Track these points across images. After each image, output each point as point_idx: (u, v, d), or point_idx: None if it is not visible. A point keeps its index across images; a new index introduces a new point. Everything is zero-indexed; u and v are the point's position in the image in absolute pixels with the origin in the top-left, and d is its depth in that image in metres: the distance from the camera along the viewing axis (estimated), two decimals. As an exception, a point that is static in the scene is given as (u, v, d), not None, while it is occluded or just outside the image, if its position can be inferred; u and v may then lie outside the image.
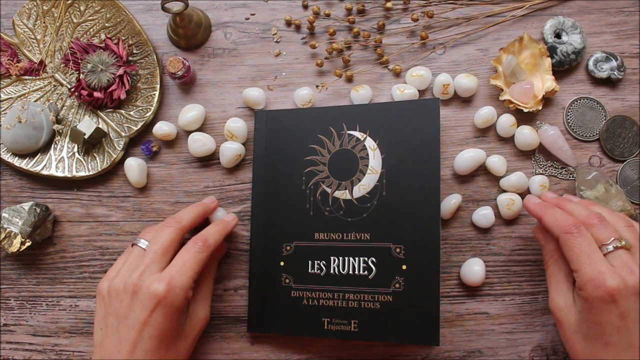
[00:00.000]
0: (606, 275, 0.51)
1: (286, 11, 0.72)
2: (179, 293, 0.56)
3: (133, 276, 0.57)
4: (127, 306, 0.56)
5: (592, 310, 0.52)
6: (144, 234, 0.62)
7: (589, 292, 0.52)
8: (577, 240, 0.54)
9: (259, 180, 0.66)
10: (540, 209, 0.59)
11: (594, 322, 0.52)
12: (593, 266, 0.52)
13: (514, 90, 0.67)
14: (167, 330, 0.56)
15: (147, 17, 0.73)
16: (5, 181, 0.71)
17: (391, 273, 0.61)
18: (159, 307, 0.55)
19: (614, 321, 0.51)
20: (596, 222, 0.55)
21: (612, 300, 0.51)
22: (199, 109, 0.68)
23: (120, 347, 0.55)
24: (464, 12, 0.71)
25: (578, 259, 0.53)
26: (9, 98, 0.70)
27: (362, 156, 0.63)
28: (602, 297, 0.51)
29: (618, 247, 0.53)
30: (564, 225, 0.55)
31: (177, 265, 0.58)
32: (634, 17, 0.71)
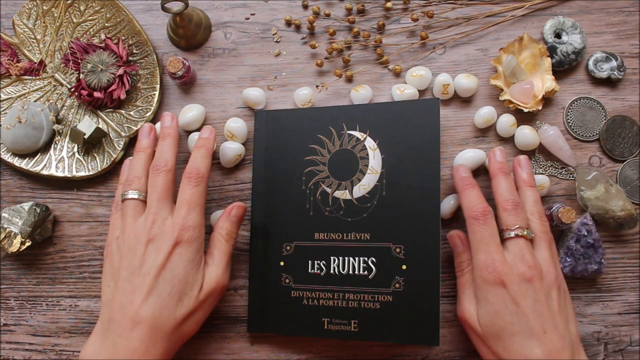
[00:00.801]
0: (497, 261, 0.55)
1: (286, 11, 0.72)
2: (192, 232, 0.57)
3: (145, 226, 0.57)
4: (141, 255, 0.56)
5: (487, 297, 0.56)
6: (129, 185, 0.61)
7: (482, 276, 0.56)
8: (480, 227, 0.57)
9: (259, 180, 0.66)
10: (462, 185, 0.61)
11: (493, 312, 0.55)
12: (488, 253, 0.56)
13: (514, 90, 0.67)
14: (184, 273, 0.56)
15: (147, 17, 0.73)
16: (5, 181, 0.71)
17: (391, 273, 0.61)
18: (176, 248, 0.56)
19: (510, 307, 0.54)
20: (509, 208, 0.58)
21: (502, 284, 0.55)
22: (199, 109, 0.68)
23: (134, 296, 0.55)
24: (464, 12, 0.71)
25: (477, 244, 0.57)
26: (9, 98, 0.70)
27: (362, 156, 0.63)
28: (493, 281, 0.55)
29: (519, 235, 0.57)
30: (473, 209, 0.58)
31: (182, 205, 0.58)
32: (634, 17, 0.71)
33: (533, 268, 0.55)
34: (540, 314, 0.54)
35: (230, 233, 0.63)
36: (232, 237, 0.63)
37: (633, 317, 0.66)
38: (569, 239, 0.65)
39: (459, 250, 0.63)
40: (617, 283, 0.67)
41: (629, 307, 0.66)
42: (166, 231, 0.57)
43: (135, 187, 0.60)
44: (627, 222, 0.65)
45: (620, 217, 0.65)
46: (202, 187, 0.59)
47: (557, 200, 0.67)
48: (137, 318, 0.54)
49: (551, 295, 0.55)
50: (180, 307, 0.56)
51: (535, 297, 0.54)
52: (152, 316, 0.54)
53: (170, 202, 0.60)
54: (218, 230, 0.62)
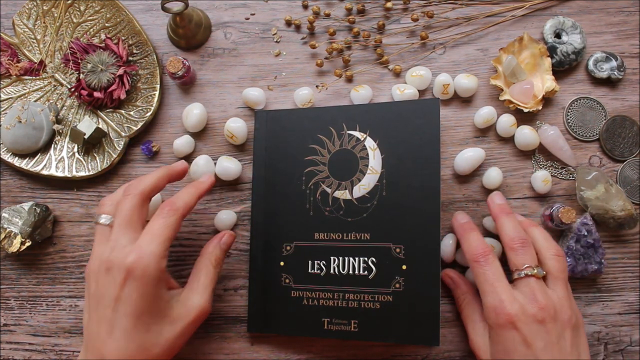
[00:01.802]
0: (506, 302, 0.53)
1: (286, 11, 0.72)
2: (148, 262, 0.52)
3: (104, 254, 0.54)
4: (102, 285, 0.53)
5: (498, 339, 0.54)
6: (101, 208, 0.58)
7: (492, 319, 0.54)
8: (483, 269, 0.56)
9: (259, 180, 0.66)
10: (462, 230, 0.61)
11: (504, 352, 0.54)
12: (495, 294, 0.54)
13: (514, 90, 0.67)
14: (142, 306, 0.52)
15: (147, 17, 0.73)
16: (5, 181, 0.71)
17: (391, 273, 0.61)
18: (129, 280, 0.51)
19: (520, 349, 0.52)
20: (517, 247, 0.57)
21: (513, 326, 0.53)
22: (200, 108, 0.68)
23: (99, 328, 0.52)
24: (464, 12, 0.71)
25: (482, 287, 0.56)
26: (9, 98, 0.70)
27: (362, 156, 0.63)
28: (503, 324, 0.53)
29: (529, 274, 0.55)
30: (474, 252, 0.57)
31: (145, 234, 0.54)
32: (634, 17, 0.71)
33: (545, 309, 0.53)
34: (552, 356, 0.52)
35: (219, 260, 0.61)
36: (219, 264, 0.62)
37: (633, 317, 0.66)
38: (569, 239, 0.65)
39: (453, 287, 0.64)
40: (617, 283, 0.67)
41: (629, 307, 0.66)
42: (120, 260, 0.52)
43: (106, 210, 0.58)
44: (627, 222, 0.65)
45: (620, 217, 0.65)
46: (173, 219, 0.55)
47: (557, 200, 0.67)
48: (104, 353, 0.52)
49: (564, 336, 0.54)
50: (151, 338, 0.53)
51: (547, 338, 0.52)
52: (118, 352, 0.52)
53: (135, 229, 0.55)
54: (207, 255, 0.61)
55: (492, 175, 0.66)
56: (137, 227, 0.55)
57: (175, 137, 0.69)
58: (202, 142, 0.70)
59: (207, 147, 0.70)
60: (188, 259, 0.69)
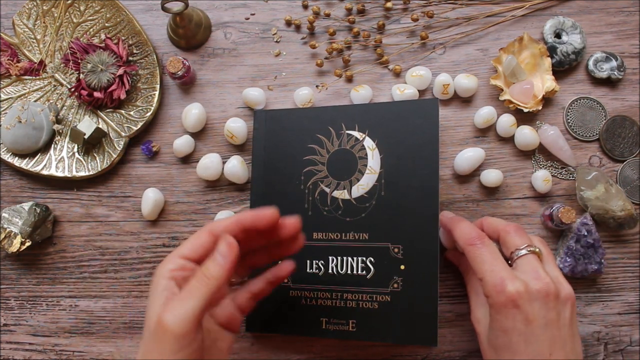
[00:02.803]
0: (507, 280, 0.51)
1: (286, 11, 0.72)
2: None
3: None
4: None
5: (497, 317, 0.52)
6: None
7: (493, 298, 0.52)
8: (480, 251, 0.55)
9: (258, 179, 0.66)
10: (451, 222, 0.60)
11: (501, 330, 0.52)
12: (494, 273, 0.52)
13: (514, 90, 0.67)
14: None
15: (147, 17, 0.73)
16: (5, 181, 0.71)
17: (389, 273, 0.61)
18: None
19: (519, 327, 0.51)
20: (512, 230, 0.57)
21: (514, 305, 0.51)
22: (199, 107, 0.68)
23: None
24: (464, 12, 0.71)
25: (480, 267, 0.54)
26: (9, 98, 0.71)
27: (360, 156, 0.63)
28: (505, 303, 0.51)
29: (530, 251, 0.55)
30: (468, 237, 0.56)
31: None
32: (634, 17, 0.70)
33: (549, 285, 0.52)
34: (551, 335, 0.51)
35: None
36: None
37: (633, 317, 0.66)
38: (569, 239, 0.64)
39: (458, 262, 0.63)
40: (617, 283, 0.66)
41: (629, 307, 0.66)
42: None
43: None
44: (627, 222, 0.65)
45: (620, 217, 0.64)
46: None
47: (557, 200, 0.67)
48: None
49: (564, 314, 0.53)
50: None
51: (548, 316, 0.51)
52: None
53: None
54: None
55: (491, 175, 0.66)
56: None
57: (175, 137, 0.69)
58: (202, 142, 0.70)
59: (207, 147, 0.70)
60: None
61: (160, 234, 0.69)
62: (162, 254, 0.69)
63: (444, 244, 0.64)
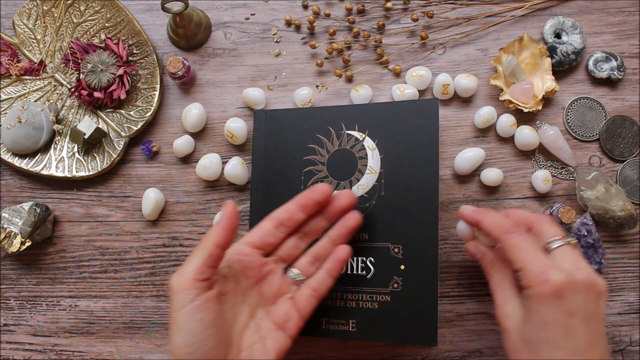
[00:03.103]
0: (551, 270, 0.49)
1: (286, 11, 0.72)
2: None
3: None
4: None
5: (539, 309, 0.49)
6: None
7: (536, 288, 0.49)
8: (518, 239, 0.52)
9: (258, 179, 0.66)
10: (478, 213, 0.57)
11: (541, 323, 0.49)
12: (537, 261, 0.50)
13: (514, 90, 0.67)
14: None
15: (147, 17, 0.73)
16: (5, 181, 0.71)
17: (389, 273, 0.60)
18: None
19: (561, 319, 0.48)
20: (547, 221, 0.54)
21: (558, 296, 0.48)
22: (199, 107, 0.68)
23: None
24: (464, 12, 0.71)
25: (521, 256, 0.51)
26: (9, 98, 0.71)
27: (360, 156, 0.63)
28: (549, 293, 0.48)
29: (567, 242, 0.52)
30: (503, 225, 0.53)
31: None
32: (634, 17, 0.70)
33: (591, 275, 0.49)
34: (590, 330, 0.48)
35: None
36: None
37: (633, 317, 0.66)
38: (569, 239, 0.65)
39: (480, 257, 0.59)
40: (617, 283, 0.66)
41: (629, 307, 0.66)
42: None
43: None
44: (627, 222, 0.65)
45: (620, 217, 0.64)
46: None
47: (557, 200, 0.67)
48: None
49: (601, 308, 0.50)
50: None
51: (588, 309, 0.49)
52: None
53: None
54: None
55: (492, 174, 0.66)
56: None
57: (175, 137, 0.69)
58: (202, 142, 0.70)
59: (207, 147, 0.70)
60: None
61: (160, 234, 0.69)
62: (162, 254, 0.69)
63: (462, 237, 0.62)
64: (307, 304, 0.56)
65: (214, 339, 0.50)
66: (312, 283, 0.57)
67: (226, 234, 0.52)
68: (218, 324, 0.50)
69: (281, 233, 0.57)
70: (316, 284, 0.57)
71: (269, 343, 0.53)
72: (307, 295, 0.56)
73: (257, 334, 0.54)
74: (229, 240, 0.52)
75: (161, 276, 0.69)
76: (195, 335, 0.49)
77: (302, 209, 0.57)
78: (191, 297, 0.49)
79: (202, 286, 0.50)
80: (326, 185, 0.57)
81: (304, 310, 0.56)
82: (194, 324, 0.49)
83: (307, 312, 0.56)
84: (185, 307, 0.49)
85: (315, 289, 0.56)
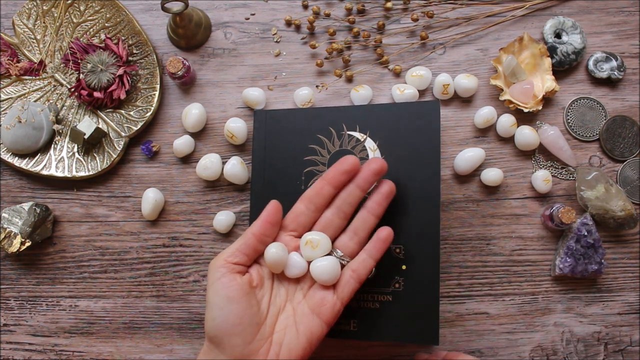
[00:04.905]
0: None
1: (286, 11, 0.72)
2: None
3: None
4: None
5: None
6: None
7: None
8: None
9: (258, 180, 0.66)
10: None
11: None
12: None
13: (514, 90, 0.67)
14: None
15: (147, 17, 0.73)
16: (5, 181, 0.71)
17: (391, 273, 0.60)
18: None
19: None
20: None
21: None
22: (199, 107, 0.68)
23: None
24: (464, 12, 0.71)
25: None
26: (9, 98, 0.70)
27: (362, 157, 0.63)
28: None
29: None
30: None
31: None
32: (634, 17, 0.71)
33: None
34: None
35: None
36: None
37: (633, 317, 0.66)
38: (569, 239, 0.65)
39: None
40: (617, 283, 0.67)
41: (629, 307, 0.66)
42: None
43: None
44: (627, 222, 0.65)
45: (620, 217, 0.65)
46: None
47: (557, 200, 0.67)
48: None
49: None
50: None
51: None
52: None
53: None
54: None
55: (492, 174, 0.66)
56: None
57: (175, 137, 0.69)
58: (202, 142, 0.70)
59: (207, 147, 0.70)
60: (188, 259, 0.69)
61: (160, 234, 0.69)
62: (162, 254, 0.69)
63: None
64: (346, 285, 0.55)
65: (237, 315, 0.51)
66: (352, 264, 0.56)
67: (263, 225, 0.54)
68: (242, 302, 0.52)
69: (312, 212, 0.56)
70: (356, 264, 0.55)
71: (302, 328, 0.53)
72: (347, 276, 0.55)
73: (292, 318, 0.54)
74: (266, 232, 0.54)
75: (161, 276, 0.69)
76: (220, 309, 0.51)
77: (330, 181, 0.56)
78: (219, 275, 0.52)
79: (232, 267, 0.53)
80: (353, 156, 0.56)
81: (342, 293, 0.55)
82: (218, 298, 0.51)
83: (346, 295, 0.55)
84: (215, 282, 0.52)
85: (355, 269, 0.55)
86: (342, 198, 0.56)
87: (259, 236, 0.54)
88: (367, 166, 0.55)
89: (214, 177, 0.68)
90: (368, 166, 0.55)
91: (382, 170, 0.56)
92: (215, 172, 0.67)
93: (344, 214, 0.56)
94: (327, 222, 0.56)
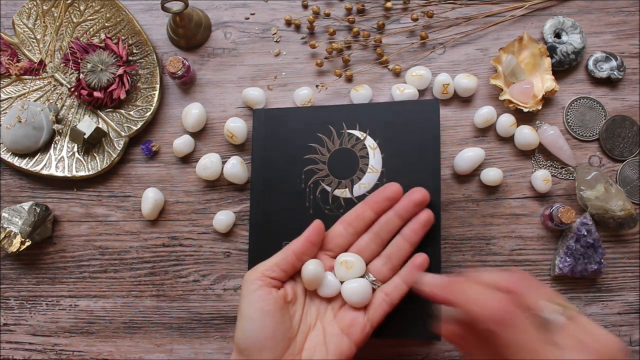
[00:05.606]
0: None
1: (286, 11, 0.72)
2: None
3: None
4: None
5: None
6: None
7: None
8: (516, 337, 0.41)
9: (258, 179, 0.66)
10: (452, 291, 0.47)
11: None
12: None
13: (514, 90, 0.67)
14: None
15: (147, 17, 0.73)
16: (5, 181, 0.71)
17: (391, 272, 0.60)
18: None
19: None
20: (532, 286, 0.44)
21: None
22: (199, 107, 0.68)
23: None
24: (464, 12, 0.71)
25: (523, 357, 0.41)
26: (9, 98, 0.70)
27: (362, 155, 0.63)
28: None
29: (564, 315, 0.41)
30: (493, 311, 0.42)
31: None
32: (634, 17, 0.71)
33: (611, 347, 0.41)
34: None
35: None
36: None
37: (633, 317, 0.66)
38: (568, 239, 0.65)
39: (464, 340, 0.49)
40: (617, 283, 0.67)
41: (629, 307, 0.66)
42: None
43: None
44: (627, 222, 0.65)
45: (620, 217, 0.65)
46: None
47: (557, 200, 0.67)
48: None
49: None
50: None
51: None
52: None
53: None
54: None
55: (492, 174, 0.66)
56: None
57: (175, 136, 0.69)
58: (202, 142, 0.70)
59: (207, 146, 0.70)
60: (187, 259, 0.69)
61: (160, 234, 0.69)
62: (161, 254, 0.69)
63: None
64: (378, 308, 0.55)
65: (270, 329, 0.51)
66: (386, 287, 0.56)
67: (304, 244, 0.55)
68: (276, 317, 0.52)
69: (350, 234, 0.57)
70: (390, 288, 0.55)
71: (331, 347, 0.53)
72: (379, 299, 0.55)
73: (321, 337, 0.54)
74: (306, 250, 0.55)
75: (161, 276, 0.69)
76: (254, 322, 0.51)
77: (371, 206, 0.57)
78: (255, 287, 0.52)
79: (268, 281, 0.53)
80: (397, 184, 0.57)
81: (373, 315, 0.55)
82: (253, 311, 0.52)
83: (377, 318, 0.55)
84: (249, 295, 0.52)
85: (388, 293, 0.55)
86: (381, 224, 0.57)
87: (299, 254, 0.55)
88: (409, 196, 0.56)
89: (214, 176, 0.68)
90: (410, 196, 0.56)
91: (424, 201, 0.56)
92: (215, 172, 0.67)
93: (380, 240, 0.57)
94: (363, 246, 0.57)
